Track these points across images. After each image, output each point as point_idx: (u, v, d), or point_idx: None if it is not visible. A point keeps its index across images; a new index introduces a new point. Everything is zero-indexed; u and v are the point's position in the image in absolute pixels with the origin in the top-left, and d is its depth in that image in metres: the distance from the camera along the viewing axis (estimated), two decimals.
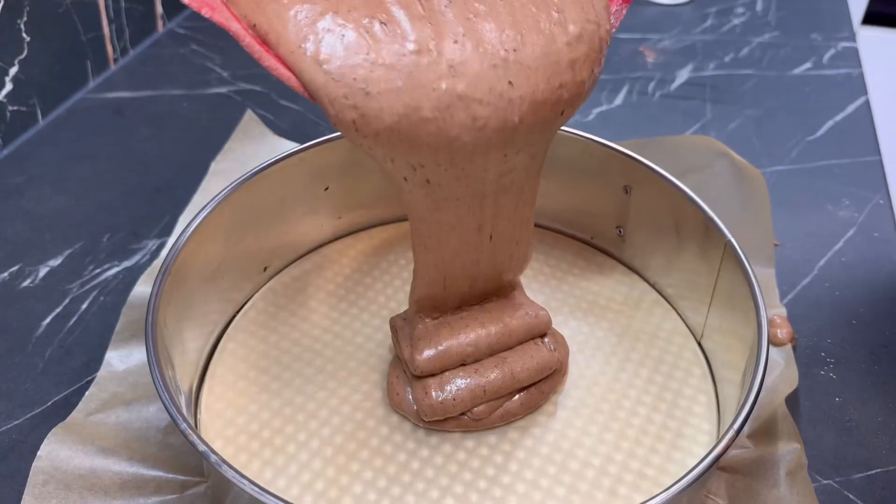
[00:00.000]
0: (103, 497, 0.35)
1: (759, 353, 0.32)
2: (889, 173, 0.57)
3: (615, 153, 0.43)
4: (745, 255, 0.37)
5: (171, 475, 0.36)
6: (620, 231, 0.46)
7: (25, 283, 0.47)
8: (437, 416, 0.36)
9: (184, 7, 0.78)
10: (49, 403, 0.40)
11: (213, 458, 0.28)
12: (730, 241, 0.37)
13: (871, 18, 0.92)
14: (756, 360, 0.32)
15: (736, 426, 0.29)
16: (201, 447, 0.28)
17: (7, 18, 0.56)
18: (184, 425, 0.29)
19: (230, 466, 0.28)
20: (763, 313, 0.34)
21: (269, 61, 0.28)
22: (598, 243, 0.48)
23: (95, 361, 0.42)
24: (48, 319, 0.45)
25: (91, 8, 0.64)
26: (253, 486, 0.28)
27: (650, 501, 0.28)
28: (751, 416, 0.38)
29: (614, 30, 0.32)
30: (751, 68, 0.68)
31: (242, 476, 0.28)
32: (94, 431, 0.37)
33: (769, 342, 0.42)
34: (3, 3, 0.55)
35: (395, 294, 0.46)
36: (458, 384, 0.36)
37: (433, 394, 0.36)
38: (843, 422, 0.40)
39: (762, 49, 0.71)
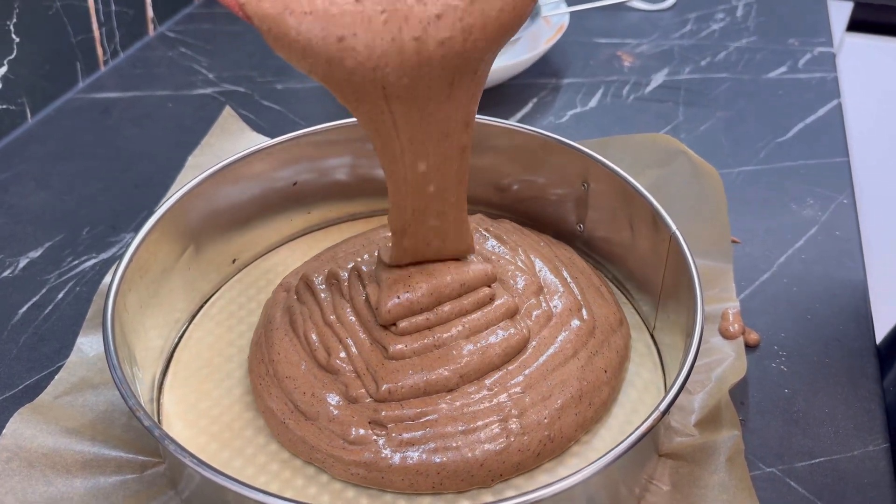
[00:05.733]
0: (65, 475, 0.36)
1: (692, 341, 0.33)
2: (856, 174, 0.58)
3: (572, 150, 0.45)
4: (687, 247, 0.38)
5: (131, 455, 0.37)
6: (580, 226, 0.47)
7: (5, 274, 0.49)
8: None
9: (174, 11, 0.79)
10: (21, 387, 0.42)
11: (157, 432, 0.29)
12: (674, 233, 0.39)
13: (854, 26, 0.93)
14: (687, 347, 0.33)
15: (661, 408, 0.31)
16: (147, 422, 0.30)
17: None
18: (132, 402, 0.30)
19: (177, 444, 0.30)
20: (699, 299, 0.35)
21: None
22: (560, 237, 0.49)
23: (67, 348, 0.43)
24: (25, 308, 0.46)
25: (81, 11, 0.66)
26: (200, 463, 0.29)
27: (574, 475, 0.29)
28: (699, 405, 0.40)
29: None
30: (726, 72, 0.69)
31: (187, 451, 0.29)
32: (61, 413, 0.38)
33: (722, 335, 0.44)
34: None
35: None
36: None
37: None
38: (791, 412, 0.41)
39: (739, 53, 0.72)
